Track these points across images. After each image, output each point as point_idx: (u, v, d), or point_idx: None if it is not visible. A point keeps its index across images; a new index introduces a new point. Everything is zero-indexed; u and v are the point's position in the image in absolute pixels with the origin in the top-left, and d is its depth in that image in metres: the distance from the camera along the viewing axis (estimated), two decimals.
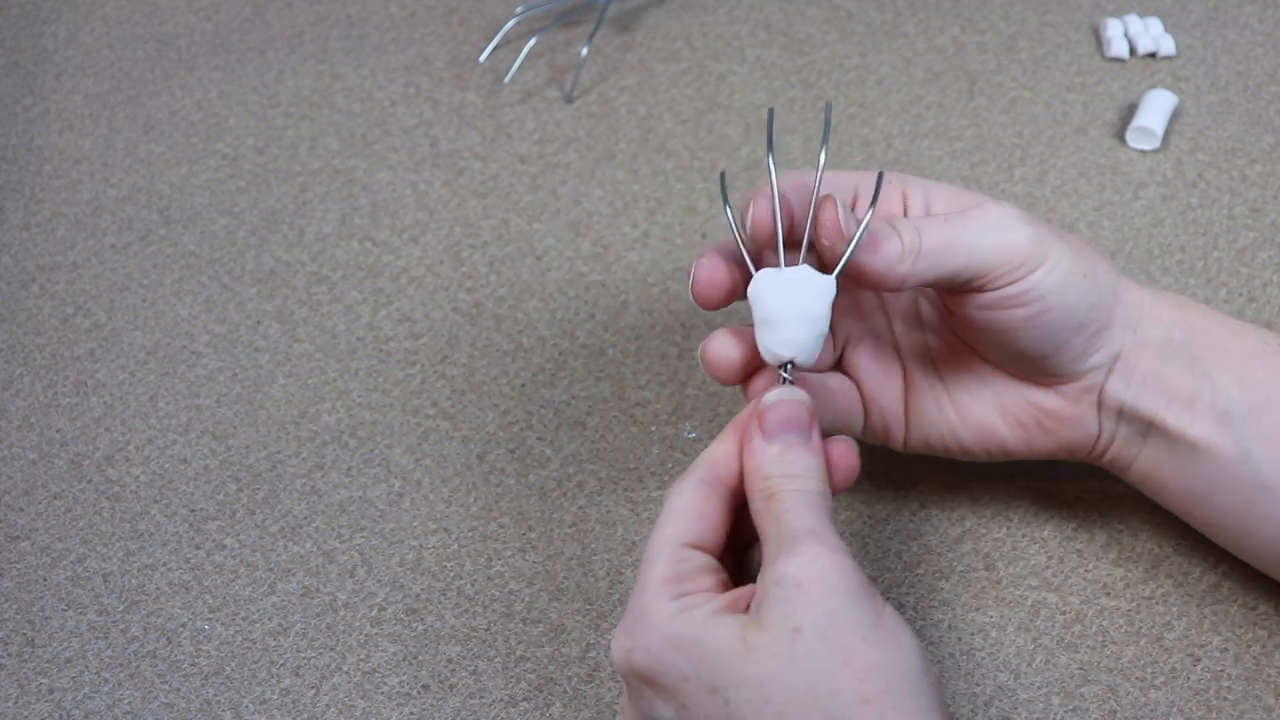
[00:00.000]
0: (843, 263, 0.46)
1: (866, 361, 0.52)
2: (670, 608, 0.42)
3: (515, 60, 0.76)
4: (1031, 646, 0.52)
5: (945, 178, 0.70)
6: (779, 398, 0.45)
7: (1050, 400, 0.50)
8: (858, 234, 0.46)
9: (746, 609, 0.42)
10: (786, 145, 0.72)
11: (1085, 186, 0.69)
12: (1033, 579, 0.54)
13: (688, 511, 0.44)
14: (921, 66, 0.77)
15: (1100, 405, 0.49)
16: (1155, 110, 0.71)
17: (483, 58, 0.77)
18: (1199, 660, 0.51)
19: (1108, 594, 0.53)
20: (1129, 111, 0.73)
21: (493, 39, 0.78)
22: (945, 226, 0.46)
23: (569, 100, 0.76)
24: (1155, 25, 0.77)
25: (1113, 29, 0.77)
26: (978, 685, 0.51)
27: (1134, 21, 0.77)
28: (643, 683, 0.42)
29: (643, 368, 0.62)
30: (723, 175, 0.49)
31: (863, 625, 0.40)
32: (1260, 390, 0.48)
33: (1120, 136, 0.72)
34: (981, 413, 0.51)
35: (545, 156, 0.73)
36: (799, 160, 0.71)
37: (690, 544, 0.44)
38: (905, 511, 0.56)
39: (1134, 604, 0.53)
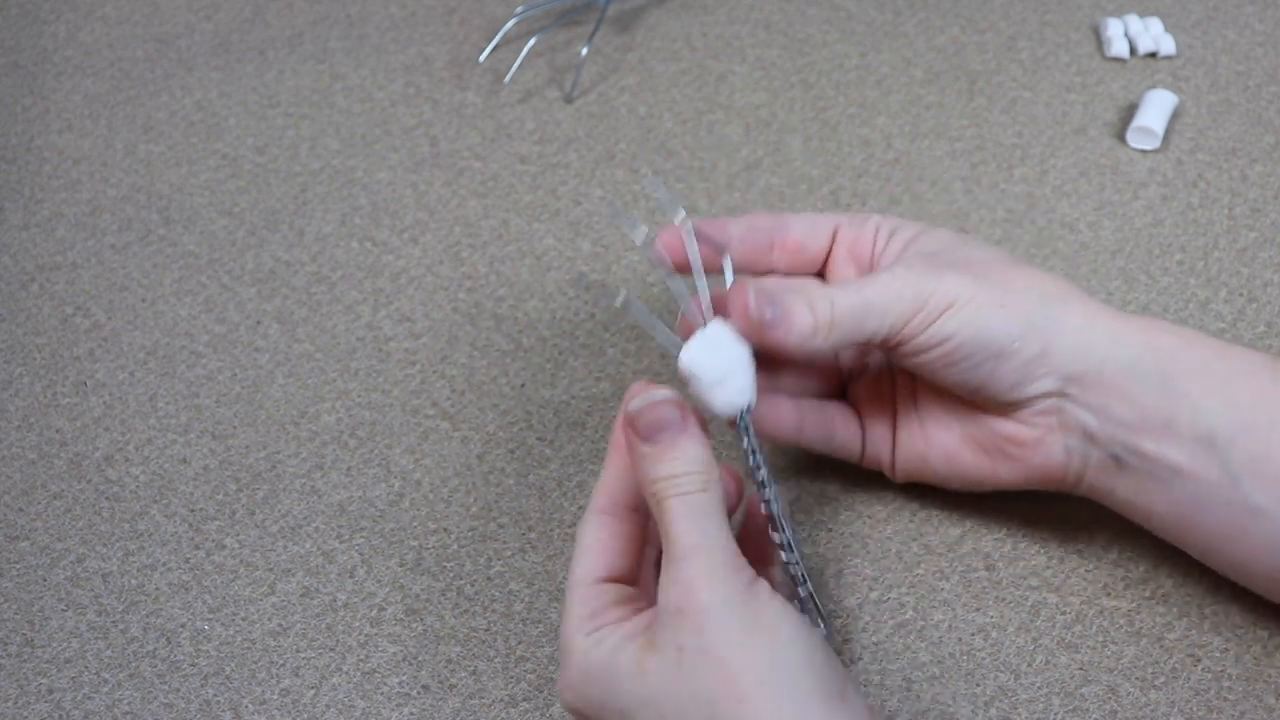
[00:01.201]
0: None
1: (864, 394, 0.55)
2: (585, 643, 0.44)
3: (515, 60, 0.76)
4: (1031, 646, 0.52)
5: (945, 178, 0.70)
6: (643, 403, 0.46)
7: (1009, 427, 0.50)
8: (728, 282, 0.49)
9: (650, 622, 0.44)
10: (787, 145, 0.72)
11: (1085, 186, 0.69)
12: (1033, 579, 0.54)
13: (592, 546, 0.46)
14: (921, 66, 0.77)
15: (1063, 428, 0.49)
16: (1155, 110, 0.71)
17: (483, 58, 0.77)
18: (1199, 660, 0.51)
19: (1108, 594, 0.53)
20: (1129, 111, 0.73)
21: (493, 39, 0.78)
22: (859, 292, 0.48)
23: (569, 100, 0.76)
24: (1155, 25, 0.77)
25: (1113, 29, 0.77)
26: (978, 685, 0.51)
27: (1134, 21, 0.77)
28: (580, 718, 0.45)
29: (643, 368, 0.62)
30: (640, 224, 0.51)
31: (734, 631, 0.42)
32: (1246, 412, 0.46)
33: (1120, 136, 0.72)
34: (949, 441, 0.52)
35: (545, 156, 0.73)
36: (798, 161, 0.71)
37: (600, 579, 0.46)
38: (905, 511, 0.56)
39: (1134, 604, 0.53)
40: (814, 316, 0.47)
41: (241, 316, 0.66)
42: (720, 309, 0.49)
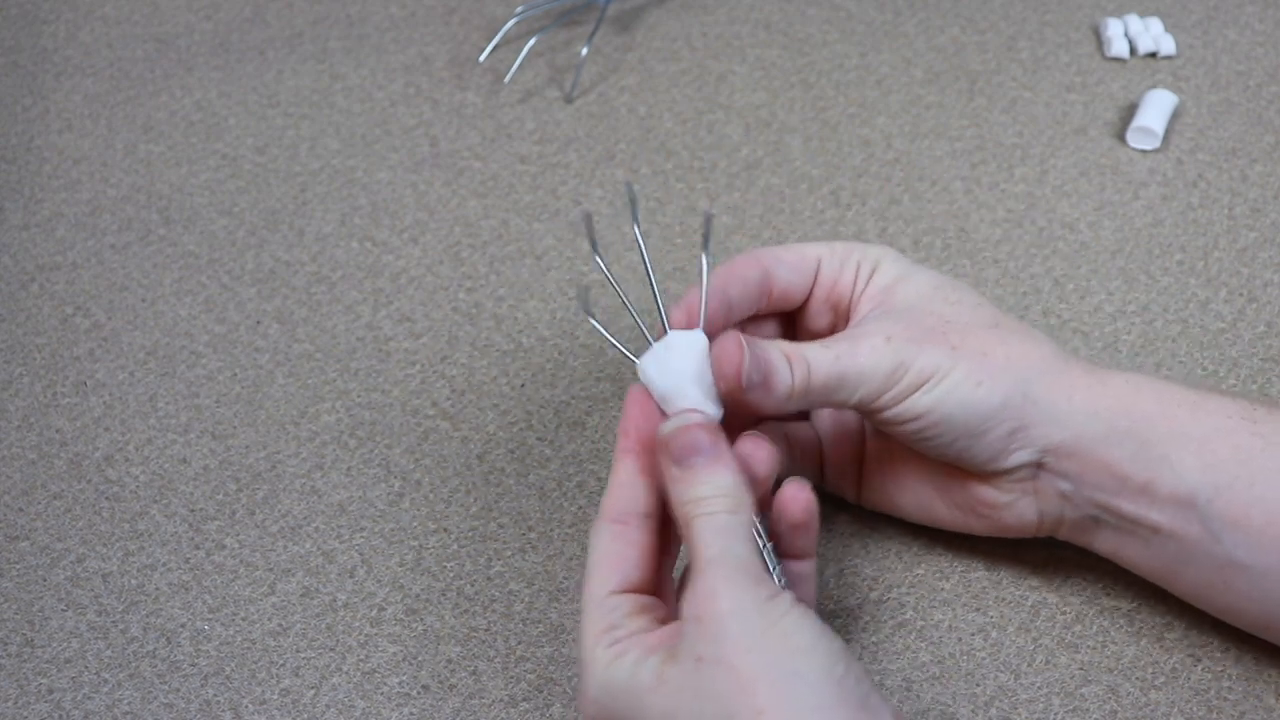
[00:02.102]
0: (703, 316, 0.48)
1: (830, 424, 0.55)
2: (606, 656, 0.44)
3: (515, 60, 0.76)
4: (1031, 646, 0.52)
5: (945, 178, 0.70)
6: (675, 425, 0.46)
7: (983, 490, 0.50)
8: (704, 282, 0.48)
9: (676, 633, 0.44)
10: (787, 145, 0.72)
11: (1085, 186, 0.69)
12: (1033, 579, 0.54)
13: (605, 558, 0.46)
14: (921, 66, 0.77)
15: (1037, 493, 0.50)
16: (1155, 110, 0.71)
17: (483, 58, 0.77)
18: (1200, 660, 0.51)
19: (1108, 594, 0.53)
20: (1129, 111, 0.73)
21: (493, 39, 0.78)
22: (835, 362, 0.47)
23: (569, 100, 0.76)
24: (1155, 25, 0.77)
25: (1113, 29, 0.77)
26: (978, 685, 0.51)
27: (1134, 21, 0.77)
28: None
29: None
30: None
31: (750, 639, 0.41)
32: (1225, 470, 0.46)
33: (1120, 136, 0.72)
34: (922, 491, 0.53)
35: (545, 156, 0.73)
36: (797, 160, 0.71)
37: (614, 591, 0.45)
38: None
39: (1134, 604, 0.53)
40: (792, 380, 0.47)
41: (241, 316, 0.66)
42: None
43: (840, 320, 0.52)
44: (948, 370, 0.47)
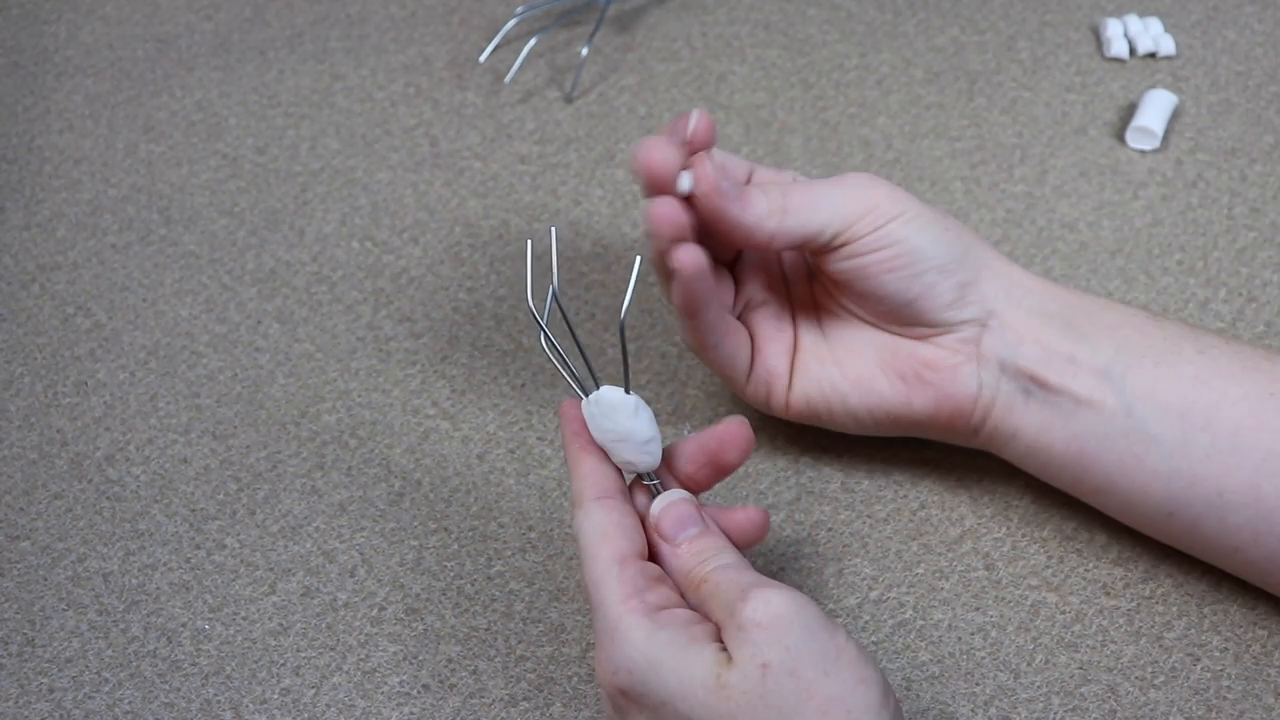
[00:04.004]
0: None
1: (762, 321, 0.56)
2: (646, 624, 0.44)
3: (515, 60, 0.76)
4: (1031, 646, 0.52)
5: (945, 178, 0.70)
6: (664, 504, 0.48)
7: (929, 351, 0.53)
8: (623, 343, 0.47)
9: (718, 636, 0.44)
10: (787, 145, 0.72)
11: (1085, 186, 0.69)
12: (1033, 579, 0.54)
13: (611, 528, 0.46)
14: (921, 66, 0.77)
15: (979, 359, 0.52)
16: (1155, 110, 0.71)
17: (483, 58, 0.77)
18: (1199, 660, 0.52)
19: (1108, 594, 0.53)
20: (1129, 111, 0.73)
21: (493, 39, 0.78)
22: (809, 189, 0.51)
23: (569, 100, 0.76)
24: (1155, 25, 0.77)
25: (1113, 29, 0.77)
26: (978, 685, 0.51)
27: (1134, 21, 0.77)
28: (629, 700, 0.44)
29: (642, 368, 0.62)
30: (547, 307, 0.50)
31: (825, 660, 0.42)
32: (1134, 351, 0.51)
33: (1120, 136, 0.72)
34: (862, 366, 0.54)
35: (545, 156, 0.73)
36: (798, 161, 0.71)
37: (629, 555, 0.46)
38: (905, 511, 0.57)
39: (1134, 604, 0.53)
40: (768, 201, 0.50)
41: (242, 316, 0.66)
42: None
43: None
44: (918, 211, 0.51)
